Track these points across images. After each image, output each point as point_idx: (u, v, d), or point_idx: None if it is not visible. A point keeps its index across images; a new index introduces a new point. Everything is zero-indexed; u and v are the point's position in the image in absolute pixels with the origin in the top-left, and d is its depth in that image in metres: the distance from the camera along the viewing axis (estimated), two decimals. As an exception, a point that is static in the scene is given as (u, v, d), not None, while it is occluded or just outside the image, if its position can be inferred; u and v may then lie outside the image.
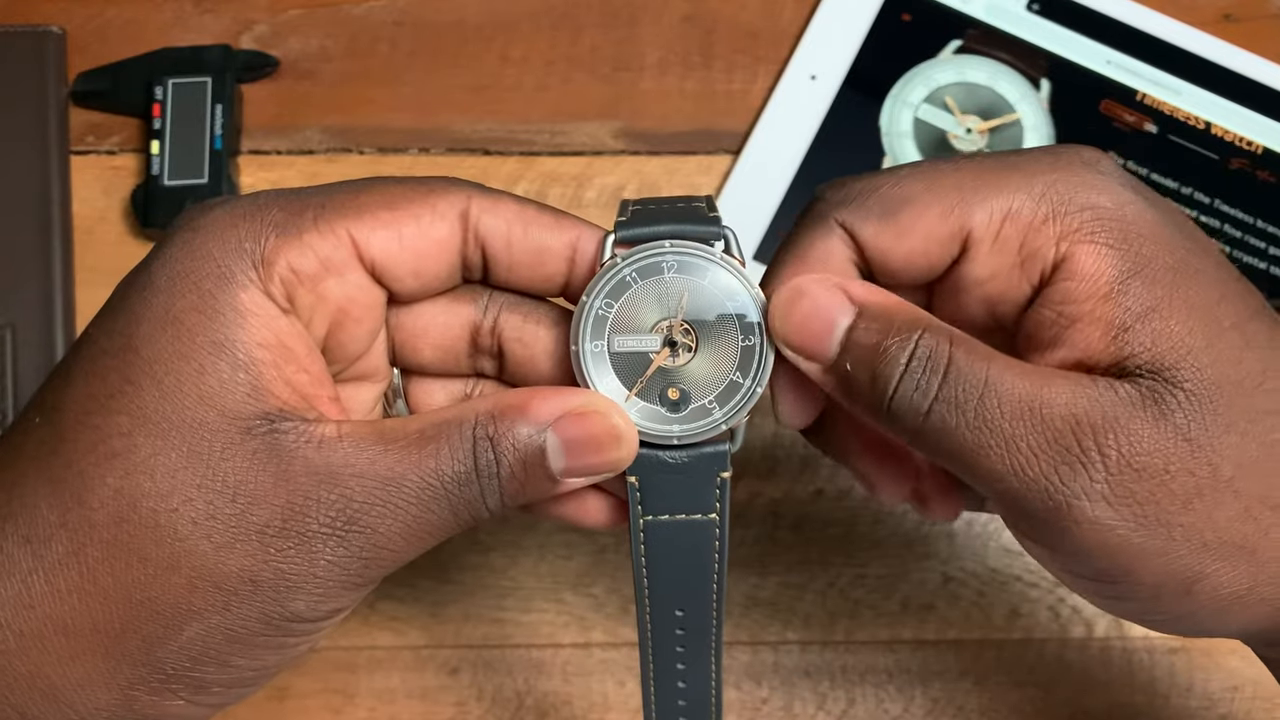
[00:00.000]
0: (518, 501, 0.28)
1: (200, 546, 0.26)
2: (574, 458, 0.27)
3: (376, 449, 0.26)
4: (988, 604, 0.44)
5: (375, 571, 0.27)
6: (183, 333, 0.26)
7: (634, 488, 0.29)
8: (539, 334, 0.30)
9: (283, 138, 0.49)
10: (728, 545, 0.30)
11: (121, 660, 0.26)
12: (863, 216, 0.28)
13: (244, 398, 0.26)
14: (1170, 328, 0.26)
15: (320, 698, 0.43)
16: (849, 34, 0.49)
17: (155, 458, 0.26)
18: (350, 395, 0.30)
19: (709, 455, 0.29)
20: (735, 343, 0.29)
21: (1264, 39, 0.49)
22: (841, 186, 0.29)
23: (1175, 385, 0.26)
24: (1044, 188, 0.28)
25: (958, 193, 0.28)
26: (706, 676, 0.32)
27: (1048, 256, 0.28)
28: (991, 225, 0.28)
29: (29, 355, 0.45)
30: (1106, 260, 0.27)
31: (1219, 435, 0.26)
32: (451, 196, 0.28)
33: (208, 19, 0.50)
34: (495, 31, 0.50)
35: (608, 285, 0.29)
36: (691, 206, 0.30)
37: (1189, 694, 0.44)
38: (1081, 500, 0.26)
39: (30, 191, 0.47)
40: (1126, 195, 0.28)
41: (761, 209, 0.47)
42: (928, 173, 0.29)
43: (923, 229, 0.28)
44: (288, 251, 0.27)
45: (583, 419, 0.27)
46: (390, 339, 0.31)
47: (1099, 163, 0.28)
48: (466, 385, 0.32)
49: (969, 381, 0.26)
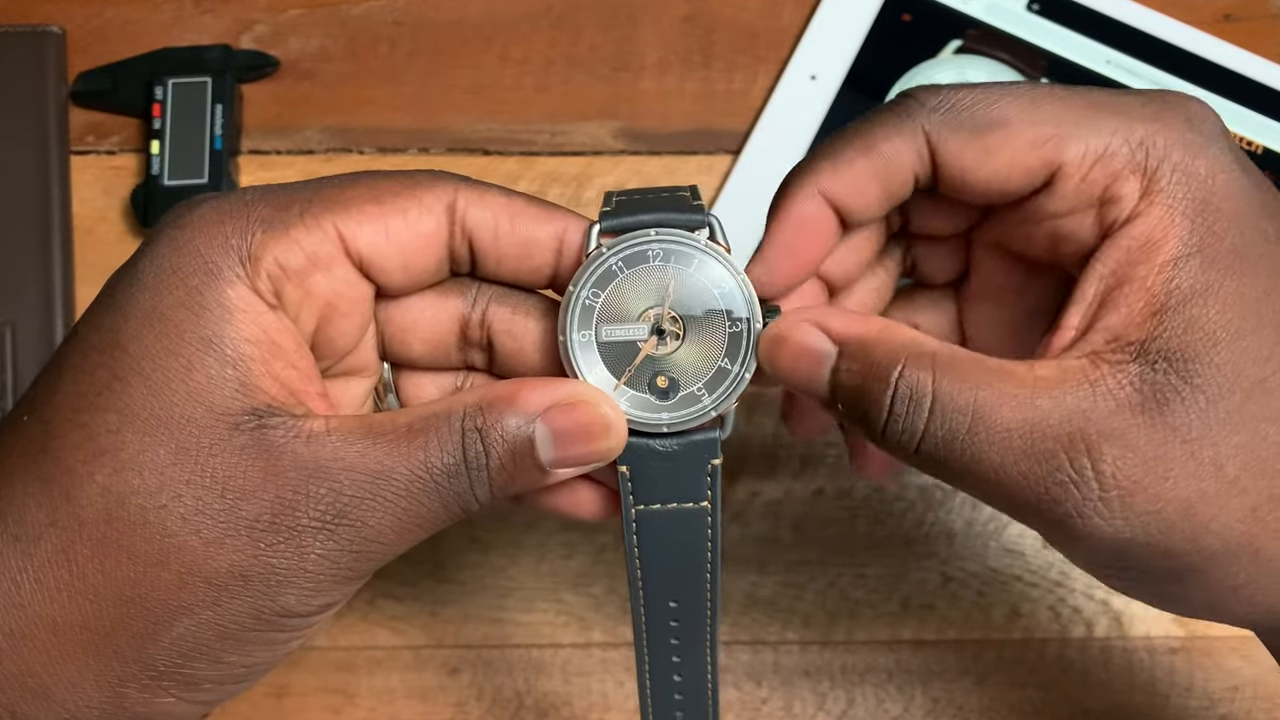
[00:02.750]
0: (507, 493, 0.28)
1: (189, 542, 0.26)
2: (563, 448, 0.27)
3: (365, 443, 0.26)
4: (988, 604, 0.44)
5: (365, 565, 0.27)
6: (170, 329, 0.26)
7: (625, 477, 0.29)
8: (528, 326, 0.30)
9: (283, 138, 0.49)
10: (720, 534, 0.30)
11: (112, 658, 0.26)
12: (952, 129, 0.28)
13: (232, 394, 0.26)
14: (1207, 316, 0.26)
15: (319, 697, 0.43)
16: (849, 34, 0.49)
17: (143, 454, 0.26)
18: (341, 390, 0.30)
19: (699, 442, 0.29)
20: (723, 330, 0.29)
21: (1264, 39, 0.49)
22: (936, 92, 0.28)
23: (1186, 380, 0.25)
24: (1143, 136, 0.27)
25: (1054, 124, 0.27)
26: (702, 668, 0.32)
27: (1125, 208, 0.27)
28: (1083, 164, 0.27)
29: (29, 354, 0.45)
30: (1175, 229, 0.26)
31: (1226, 435, 0.25)
32: (438, 189, 0.28)
33: (208, 19, 0.50)
34: (495, 31, 0.50)
35: (594, 275, 0.29)
36: (676, 195, 0.30)
37: (1189, 694, 0.44)
38: (1074, 517, 0.26)
39: (30, 191, 0.47)
40: (1223, 162, 0.27)
41: (762, 209, 0.47)
42: (1027, 96, 0.28)
43: (1010, 154, 0.27)
44: (275, 247, 0.27)
45: (571, 409, 0.27)
46: (379, 333, 0.31)
47: (1205, 122, 0.27)
48: (457, 378, 0.32)
49: (956, 414, 0.26)
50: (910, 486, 0.45)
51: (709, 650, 0.31)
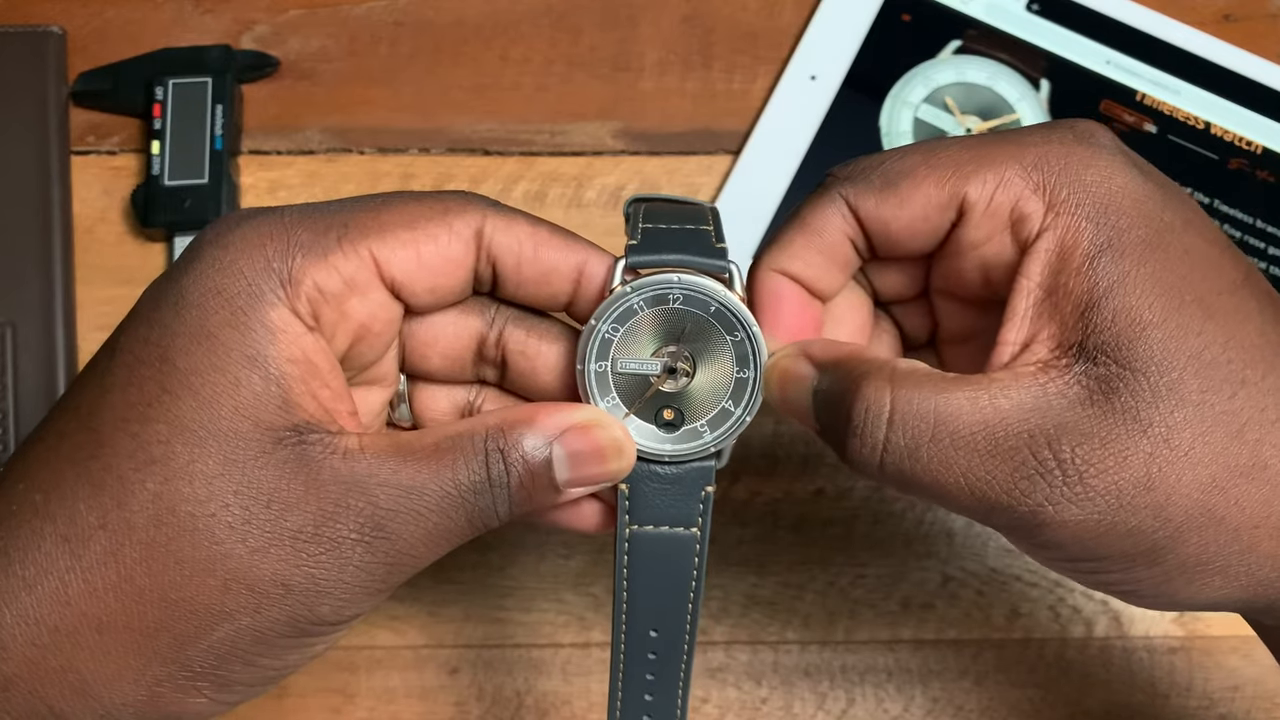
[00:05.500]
0: (524, 509, 0.29)
1: (235, 550, 0.27)
2: (577, 468, 0.29)
3: (397, 460, 0.28)
4: (988, 604, 0.44)
5: (396, 577, 0.28)
6: (217, 347, 0.27)
7: (624, 495, 0.31)
8: (541, 348, 0.31)
9: (283, 138, 0.49)
10: (705, 570, 0.31)
11: (152, 658, 0.27)
12: (865, 189, 0.30)
13: (275, 410, 0.27)
14: (1129, 303, 0.27)
15: (320, 697, 0.43)
16: (849, 34, 0.49)
17: (193, 464, 0.27)
18: (360, 399, 0.31)
19: (697, 469, 0.31)
20: (730, 374, 0.31)
21: (1263, 39, 0.49)
22: (848, 165, 0.31)
23: (1125, 366, 0.27)
24: (1035, 159, 0.29)
25: (954, 164, 0.29)
26: (673, 705, 0.32)
27: (1034, 225, 0.28)
28: (985, 192, 0.29)
29: (29, 354, 0.45)
30: (1084, 233, 0.28)
31: (1171, 410, 0.26)
32: (468, 215, 0.29)
33: (208, 19, 0.50)
34: (495, 31, 0.50)
35: (616, 311, 0.30)
36: (700, 230, 0.31)
37: (1189, 694, 0.44)
38: (1045, 507, 0.27)
39: (30, 191, 0.47)
40: (1116, 166, 0.28)
41: (761, 209, 0.47)
42: (927, 148, 0.30)
43: (920, 197, 0.29)
44: (314, 272, 0.28)
45: (586, 432, 0.29)
46: (401, 346, 0.32)
47: (1093, 135, 0.29)
48: (469, 392, 0.33)
49: (917, 421, 0.27)
50: (910, 486, 0.45)
51: (680, 689, 0.32)
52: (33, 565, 0.27)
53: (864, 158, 0.31)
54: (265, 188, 0.48)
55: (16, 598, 0.27)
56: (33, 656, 0.27)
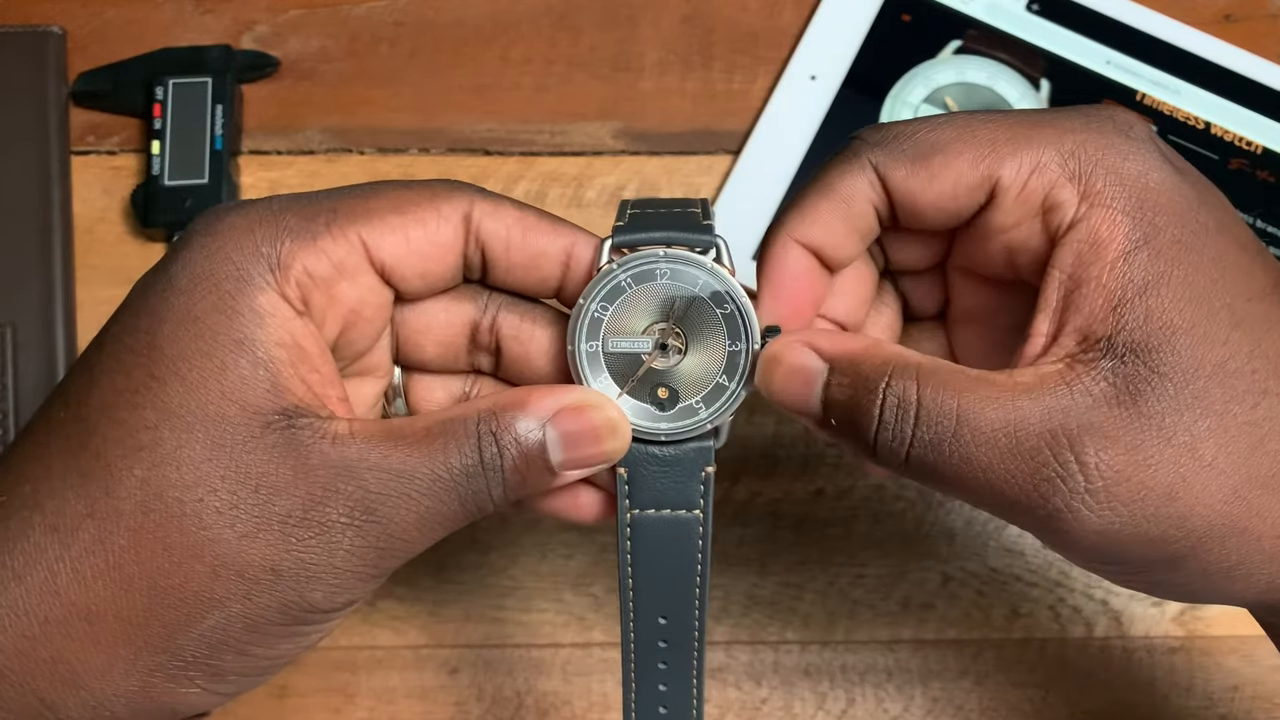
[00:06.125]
0: (519, 494, 0.29)
1: (224, 535, 0.26)
2: (571, 450, 0.28)
3: (387, 444, 0.27)
4: (988, 604, 0.44)
5: (388, 562, 0.28)
6: (204, 331, 0.27)
7: (623, 479, 0.30)
8: (534, 333, 0.31)
9: (283, 138, 0.49)
10: (710, 550, 0.31)
11: (143, 647, 0.27)
12: (895, 159, 0.29)
13: (263, 394, 0.27)
14: (1162, 305, 0.27)
15: (320, 697, 0.43)
16: (849, 34, 0.49)
17: (181, 450, 0.26)
18: (353, 390, 0.31)
19: (695, 449, 0.30)
20: (722, 348, 0.30)
21: (1263, 39, 0.49)
22: (879, 129, 0.30)
23: (1153, 369, 0.26)
24: (1073, 146, 0.28)
25: (990, 143, 0.29)
26: (688, 695, 0.32)
27: (1067, 214, 0.28)
28: (1019, 176, 0.28)
29: (29, 354, 0.45)
30: (1120, 227, 0.27)
31: (1196, 419, 0.26)
32: (455, 200, 0.29)
33: (208, 19, 0.50)
34: (495, 32, 0.50)
35: (604, 289, 0.30)
36: (687, 213, 0.31)
37: (1189, 694, 0.44)
38: (1064, 511, 0.26)
39: (30, 191, 0.47)
40: (1153, 162, 0.28)
41: (761, 209, 0.47)
42: (962, 122, 0.29)
43: (952, 175, 0.29)
44: (303, 256, 0.28)
45: (579, 412, 0.29)
46: (394, 335, 0.32)
47: (1132, 127, 0.29)
48: (464, 382, 0.33)
49: (941, 419, 0.27)
50: (910, 486, 0.45)
51: (695, 675, 0.32)
52: (22, 556, 0.27)
53: (895, 123, 0.30)
54: (265, 188, 0.48)
55: (6, 589, 0.26)
56: (23, 648, 0.27)
